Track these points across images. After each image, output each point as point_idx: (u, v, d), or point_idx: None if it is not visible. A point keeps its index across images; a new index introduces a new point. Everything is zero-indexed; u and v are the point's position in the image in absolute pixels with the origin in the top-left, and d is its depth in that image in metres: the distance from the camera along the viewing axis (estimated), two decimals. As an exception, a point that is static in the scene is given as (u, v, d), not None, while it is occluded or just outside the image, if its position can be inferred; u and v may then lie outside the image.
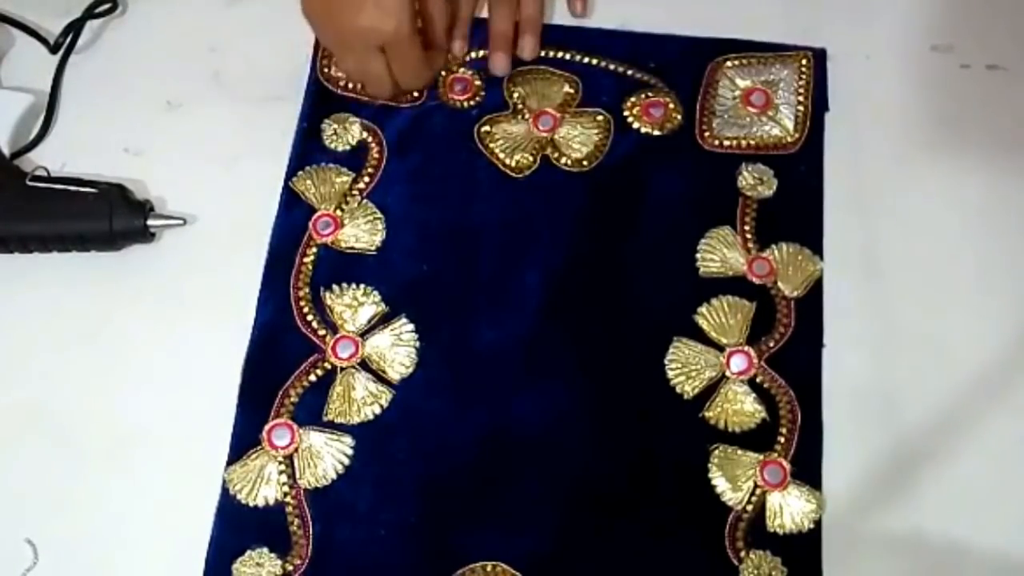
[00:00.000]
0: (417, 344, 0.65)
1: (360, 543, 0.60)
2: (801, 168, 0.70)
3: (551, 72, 0.73)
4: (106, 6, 0.73)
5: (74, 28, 0.73)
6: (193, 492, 0.61)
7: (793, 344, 0.65)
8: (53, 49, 0.72)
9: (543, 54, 0.73)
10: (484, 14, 0.74)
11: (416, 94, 0.72)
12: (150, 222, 0.67)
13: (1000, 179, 0.70)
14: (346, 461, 0.62)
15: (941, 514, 0.61)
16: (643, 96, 0.72)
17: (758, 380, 0.64)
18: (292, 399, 0.63)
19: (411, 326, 0.65)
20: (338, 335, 0.65)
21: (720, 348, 0.65)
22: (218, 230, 0.69)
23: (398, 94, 0.71)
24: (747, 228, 0.68)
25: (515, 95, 0.72)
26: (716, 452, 0.62)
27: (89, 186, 0.66)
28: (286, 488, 0.61)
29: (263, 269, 0.67)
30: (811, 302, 0.66)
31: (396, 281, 0.67)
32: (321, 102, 0.72)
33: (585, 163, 0.70)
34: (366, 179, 0.70)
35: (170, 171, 0.70)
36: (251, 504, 0.61)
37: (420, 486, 0.62)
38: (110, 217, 0.66)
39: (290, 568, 0.60)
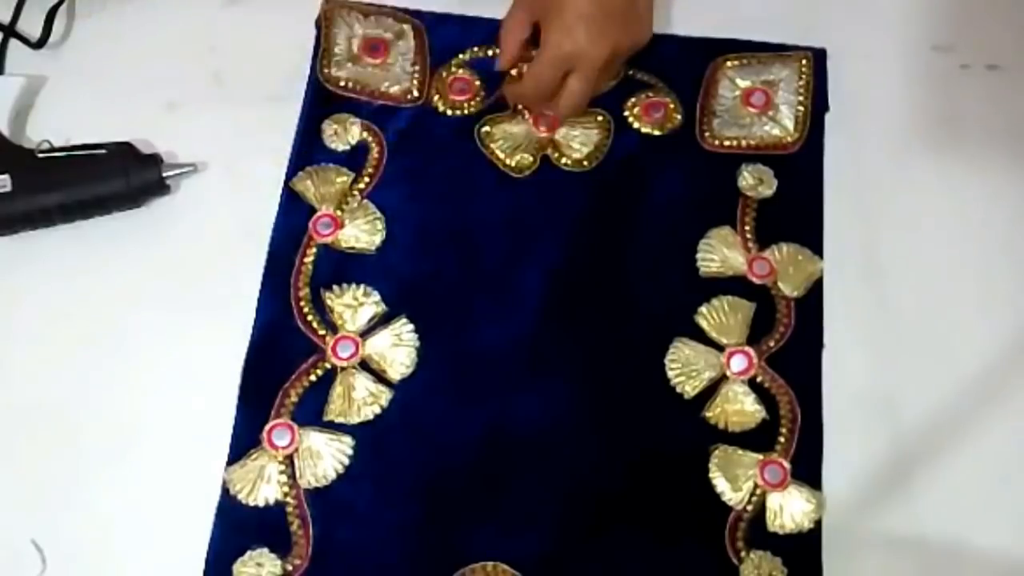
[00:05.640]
0: (417, 344, 0.65)
1: (360, 543, 0.60)
2: (801, 168, 0.70)
3: (551, 72, 0.73)
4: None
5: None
6: (193, 492, 0.61)
7: (793, 344, 0.65)
8: (37, 44, 0.73)
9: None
10: (485, 14, 0.74)
11: (417, 95, 0.72)
12: (164, 173, 0.68)
13: (1000, 179, 0.70)
14: (346, 461, 0.62)
15: (941, 514, 0.61)
16: (643, 96, 0.72)
17: (758, 380, 0.64)
18: (292, 399, 0.63)
19: (411, 326, 0.65)
20: (338, 335, 0.65)
21: (720, 348, 0.65)
22: (218, 230, 0.69)
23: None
24: (747, 228, 0.68)
25: (515, 95, 0.72)
26: (716, 452, 0.62)
27: (96, 148, 0.67)
28: (286, 488, 0.61)
29: (263, 269, 0.67)
30: (811, 302, 0.66)
31: (396, 281, 0.67)
32: (321, 102, 0.72)
33: (585, 163, 0.70)
34: (366, 179, 0.70)
35: (170, 171, 0.70)
36: (251, 504, 0.61)
37: (420, 486, 0.62)
38: (126, 173, 0.67)
39: (290, 568, 0.60)
